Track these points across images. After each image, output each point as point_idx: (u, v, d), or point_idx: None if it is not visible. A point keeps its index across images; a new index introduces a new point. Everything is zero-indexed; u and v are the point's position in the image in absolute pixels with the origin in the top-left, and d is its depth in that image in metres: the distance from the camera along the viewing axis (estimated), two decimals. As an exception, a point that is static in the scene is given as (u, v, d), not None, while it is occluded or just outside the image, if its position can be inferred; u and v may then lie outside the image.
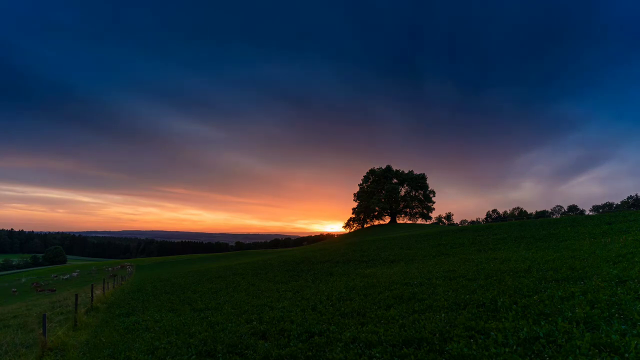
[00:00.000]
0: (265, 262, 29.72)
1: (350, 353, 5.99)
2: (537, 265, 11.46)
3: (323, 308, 9.92)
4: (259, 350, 6.82)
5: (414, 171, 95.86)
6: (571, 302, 6.85)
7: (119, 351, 8.05)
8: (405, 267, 16.85)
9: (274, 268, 23.91)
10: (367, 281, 13.68)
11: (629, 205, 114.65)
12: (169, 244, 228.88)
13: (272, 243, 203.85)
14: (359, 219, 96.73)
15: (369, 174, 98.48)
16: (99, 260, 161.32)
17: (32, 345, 9.76)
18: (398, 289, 11.04)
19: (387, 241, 34.92)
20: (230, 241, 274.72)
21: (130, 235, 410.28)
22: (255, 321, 9.32)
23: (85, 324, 12.14)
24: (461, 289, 9.78)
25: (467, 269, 12.84)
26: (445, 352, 5.53)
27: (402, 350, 5.84)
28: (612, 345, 4.74)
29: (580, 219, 27.37)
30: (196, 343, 7.85)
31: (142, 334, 9.56)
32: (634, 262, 9.79)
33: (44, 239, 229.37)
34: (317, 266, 21.92)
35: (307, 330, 7.78)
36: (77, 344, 9.48)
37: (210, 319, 10.44)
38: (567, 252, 13.59)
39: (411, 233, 45.39)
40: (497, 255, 16.17)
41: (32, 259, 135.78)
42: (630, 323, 5.44)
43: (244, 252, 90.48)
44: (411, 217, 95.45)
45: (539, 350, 4.98)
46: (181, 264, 58.74)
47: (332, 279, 16.21)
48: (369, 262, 21.34)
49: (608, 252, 12.19)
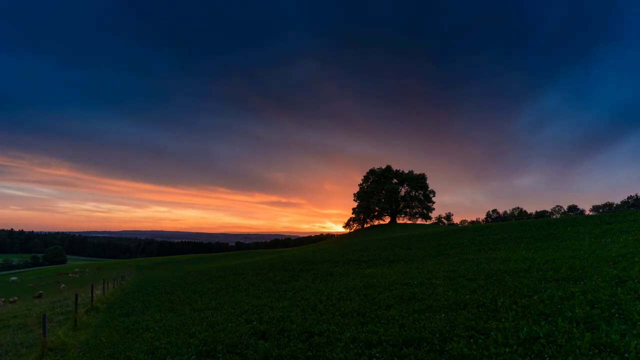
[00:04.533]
0: (265, 262, 29.71)
1: (350, 353, 5.98)
2: (537, 265, 11.45)
3: (323, 308, 9.91)
4: (259, 350, 6.81)
5: (414, 171, 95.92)
6: (571, 302, 6.85)
7: (119, 351, 8.05)
8: (405, 267, 16.85)
9: (274, 268, 23.90)
10: (367, 281, 13.68)
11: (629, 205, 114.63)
12: (169, 244, 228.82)
13: (272, 243, 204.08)
14: (359, 219, 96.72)
15: (369, 174, 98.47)
16: (99, 260, 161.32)
17: (32, 345, 9.77)
18: (398, 289, 11.03)
19: (387, 241, 34.91)
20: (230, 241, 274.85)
21: (130, 235, 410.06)
22: (255, 321, 9.32)
23: (85, 324, 12.14)
24: (461, 289, 9.78)
25: (467, 269, 12.84)
26: (445, 352, 5.53)
27: (402, 350, 5.84)
28: (612, 345, 4.73)
29: (580, 219, 27.36)
30: (196, 343, 7.85)
31: (142, 334, 9.56)
32: (634, 262, 9.78)
33: (44, 239, 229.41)
34: (317, 266, 21.91)
35: (307, 330, 7.78)
36: (77, 344, 9.48)
37: (210, 318, 10.44)
38: (567, 252, 13.59)
39: (411, 233, 45.38)
40: (497, 255, 16.16)
41: (32, 259, 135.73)
42: (630, 323, 5.44)
43: (244, 252, 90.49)
44: (411, 217, 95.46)
45: (539, 350, 4.98)
46: (181, 264, 58.72)
47: (332, 279, 16.21)
48: (369, 262, 21.33)
49: (608, 252, 12.18)
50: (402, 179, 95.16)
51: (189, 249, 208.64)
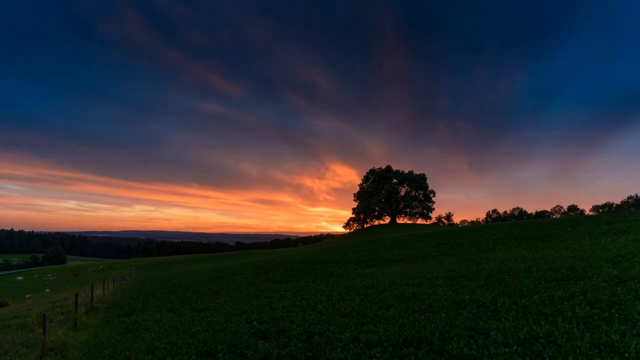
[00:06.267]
0: (265, 262, 29.72)
1: (350, 353, 5.98)
2: (537, 265, 11.45)
3: (323, 308, 9.91)
4: (259, 350, 6.81)
5: (414, 171, 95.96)
6: (571, 302, 6.85)
7: (119, 351, 8.05)
8: (405, 267, 16.85)
9: (274, 268, 23.90)
10: (367, 281, 13.68)
11: (629, 205, 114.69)
12: (169, 244, 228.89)
13: (272, 243, 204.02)
14: (359, 219, 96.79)
15: (369, 174, 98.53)
16: (99, 260, 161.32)
17: (32, 345, 9.77)
18: (398, 289, 11.03)
19: (387, 241, 34.92)
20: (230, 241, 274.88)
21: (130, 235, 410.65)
22: (256, 321, 9.32)
23: (85, 324, 12.14)
24: (461, 289, 9.77)
25: (467, 269, 12.84)
26: (445, 352, 5.52)
27: (402, 350, 5.84)
28: (612, 345, 4.73)
29: (580, 219, 27.35)
30: (196, 343, 7.84)
31: (142, 334, 9.56)
32: (634, 262, 9.78)
33: (44, 239, 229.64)
34: (317, 266, 21.92)
35: (307, 330, 7.77)
36: (77, 344, 9.48)
37: (211, 318, 10.44)
38: (567, 252, 13.58)
39: (411, 233, 45.38)
40: (497, 255, 16.16)
41: (32, 259, 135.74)
42: (630, 323, 5.43)
43: (244, 252, 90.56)
44: (411, 217, 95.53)
45: (539, 350, 4.97)
46: (181, 264, 58.75)
47: (332, 279, 16.21)
48: (369, 262, 21.33)
49: (608, 252, 12.18)
50: (402, 179, 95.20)
51: (189, 249, 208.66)
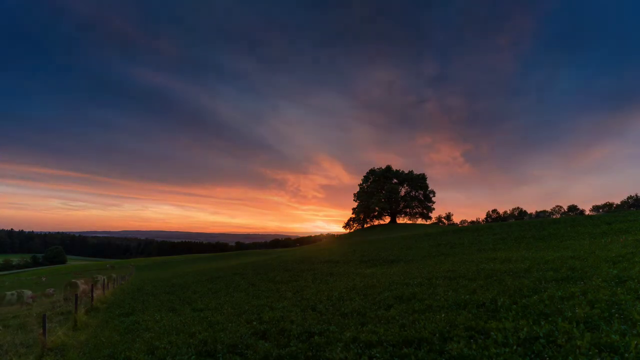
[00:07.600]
0: (265, 262, 29.74)
1: (350, 353, 5.98)
2: (537, 265, 11.45)
3: (323, 308, 9.91)
4: (259, 350, 6.81)
5: (414, 171, 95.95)
6: (571, 302, 6.85)
7: (119, 351, 8.05)
8: (405, 267, 16.85)
9: (274, 268, 23.90)
10: (367, 281, 13.68)
11: (628, 205, 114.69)
12: (169, 244, 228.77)
13: (272, 243, 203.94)
14: (358, 219, 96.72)
15: (369, 174, 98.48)
16: (99, 260, 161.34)
17: (32, 345, 9.76)
18: (398, 289, 11.03)
19: (387, 241, 34.94)
20: (230, 241, 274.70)
21: (130, 235, 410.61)
22: (256, 321, 9.31)
23: (85, 324, 12.14)
24: (461, 289, 9.77)
25: (467, 269, 12.83)
26: (445, 352, 5.52)
27: (402, 350, 5.83)
28: (612, 345, 4.73)
29: (580, 219, 27.36)
30: (196, 343, 7.84)
31: (142, 334, 9.55)
32: (634, 262, 9.78)
33: (44, 239, 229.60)
34: (317, 266, 21.92)
35: (307, 330, 7.77)
36: (77, 344, 9.48)
37: (210, 318, 10.44)
38: (567, 252, 13.58)
39: (411, 233, 45.39)
40: (497, 255, 16.16)
41: (32, 259, 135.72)
42: (630, 323, 5.43)
43: (244, 252, 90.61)
44: (411, 217, 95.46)
45: (539, 350, 4.97)
46: (181, 264, 58.77)
47: (332, 279, 16.21)
48: (369, 262, 21.33)
49: (608, 252, 12.18)
50: (402, 179, 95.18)
51: (189, 249, 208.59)
